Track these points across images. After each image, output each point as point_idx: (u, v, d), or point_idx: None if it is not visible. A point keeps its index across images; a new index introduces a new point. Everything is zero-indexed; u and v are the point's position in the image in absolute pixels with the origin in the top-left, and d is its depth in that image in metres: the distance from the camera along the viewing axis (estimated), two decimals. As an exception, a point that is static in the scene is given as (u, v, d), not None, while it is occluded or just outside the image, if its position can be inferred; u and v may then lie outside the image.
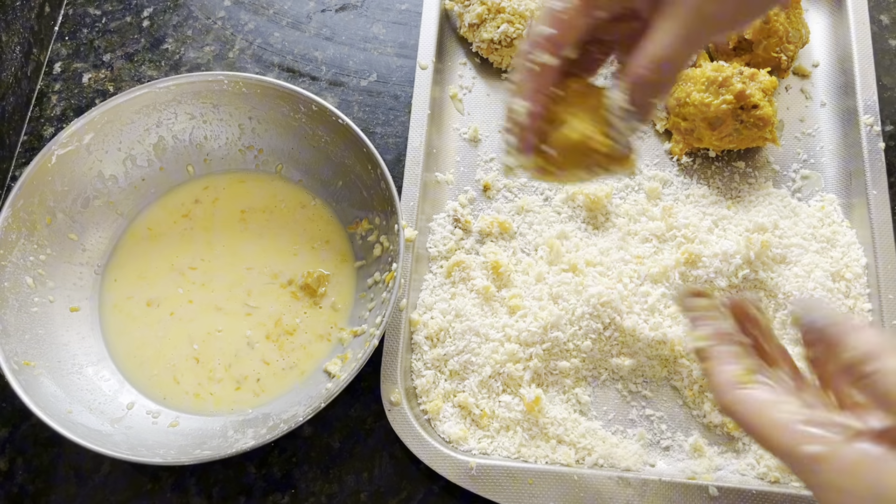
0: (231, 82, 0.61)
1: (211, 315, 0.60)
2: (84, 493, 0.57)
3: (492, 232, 0.62)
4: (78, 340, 0.58)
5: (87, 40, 0.75)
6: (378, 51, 0.73)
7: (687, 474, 0.53)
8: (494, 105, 0.68)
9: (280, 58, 0.73)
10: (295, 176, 0.65)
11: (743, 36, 0.64)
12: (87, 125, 0.59)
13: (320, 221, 0.63)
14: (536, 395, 0.55)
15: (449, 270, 0.61)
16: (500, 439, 0.55)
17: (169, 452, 0.51)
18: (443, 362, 0.58)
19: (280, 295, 0.61)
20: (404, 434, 0.55)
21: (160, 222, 0.64)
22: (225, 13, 0.76)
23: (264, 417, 0.55)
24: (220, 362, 0.58)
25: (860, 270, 0.59)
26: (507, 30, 0.66)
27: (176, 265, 0.62)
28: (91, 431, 0.52)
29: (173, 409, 0.57)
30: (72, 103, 0.72)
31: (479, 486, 0.53)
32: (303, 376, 0.58)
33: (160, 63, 0.73)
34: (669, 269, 0.58)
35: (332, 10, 0.75)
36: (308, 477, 0.57)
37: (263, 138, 0.64)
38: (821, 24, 0.69)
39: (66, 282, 0.59)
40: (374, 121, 0.69)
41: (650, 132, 0.66)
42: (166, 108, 0.62)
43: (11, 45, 0.69)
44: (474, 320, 0.58)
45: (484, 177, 0.65)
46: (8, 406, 0.60)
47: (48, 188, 0.58)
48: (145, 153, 0.63)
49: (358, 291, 0.60)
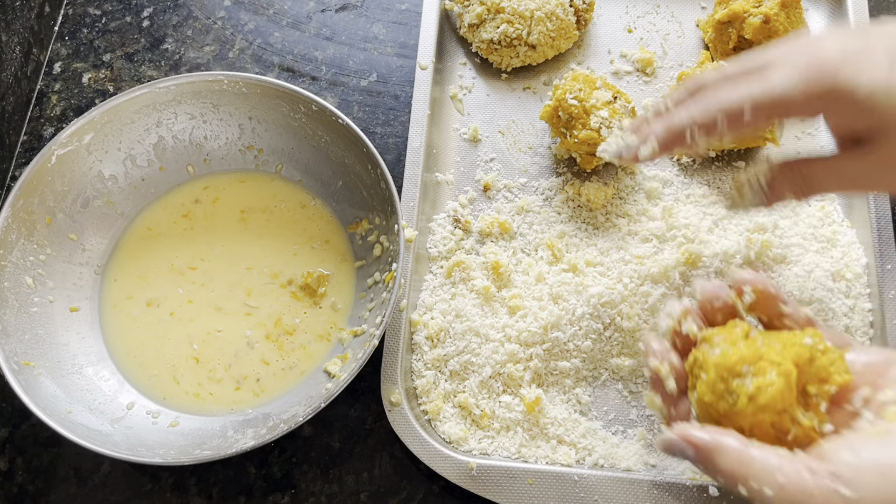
0: (231, 82, 0.61)
1: (211, 315, 0.60)
2: (84, 493, 0.57)
3: (492, 232, 0.62)
4: (78, 340, 0.58)
5: (87, 40, 0.75)
6: (378, 51, 0.73)
7: (687, 475, 0.53)
8: (494, 105, 0.69)
9: (280, 58, 0.73)
10: (295, 176, 0.65)
11: (743, 36, 0.64)
12: (87, 125, 0.59)
13: (320, 221, 0.63)
14: (537, 396, 0.55)
15: (449, 271, 0.61)
16: (501, 439, 0.55)
17: (169, 452, 0.51)
18: (443, 363, 0.58)
19: (280, 295, 0.61)
20: (404, 434, 0.55)
21: (160, 222, 0.64)
22: (225, 13, 0.76)
23: (264, 417, 0.55)
24: (220, 362, 0.58)
25: (860, 270, 0.59)
26: (507, 30, 0.66)
27: (176, 265, 0.62)
28: (91, 431, 0.52)
29: (173, 409, 0.57)
30: (72, 103, 0.72)
31: (479, 486, 0.53)
32: (303, 376, 0.58)
33: (160, 63, 0.73)
34: (670, 269, 0.58)
35: (332, 10, 0.75)
36: (308, 477, 0.57)
37: (263, 138, 0.64)
38: (821, 24, 0.69)
39: (66, 282, 0.59)
40: (374, 121, 0.69)
41: (650, 132, 0.66)
42: (166, 108, 0.62)
43: (11, 45, 0.69)
44: (474, 320, 0.58)
45: (484, 177, 0.65)
46: (8, 406, 0.60)
47: (48, 188, 0.58)
48: (145, 153, 0.63)
49: (358, 291, 0.60)
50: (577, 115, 0.60)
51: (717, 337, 0.42)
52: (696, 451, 0.39)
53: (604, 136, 0.59)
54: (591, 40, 0.71)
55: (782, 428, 0.40)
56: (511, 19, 0.66)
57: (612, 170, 0.64)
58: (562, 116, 0.61)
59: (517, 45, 0.67)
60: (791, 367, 0.41)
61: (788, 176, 0.47)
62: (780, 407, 0.40)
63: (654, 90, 0.68)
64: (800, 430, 0.40)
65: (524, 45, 0.67)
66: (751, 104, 0.44)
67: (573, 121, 0.60)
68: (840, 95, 0.42)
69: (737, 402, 0.40)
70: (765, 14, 0.63)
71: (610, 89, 0.61)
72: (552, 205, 0.64)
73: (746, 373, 0.40)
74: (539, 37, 0.66)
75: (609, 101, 0.60)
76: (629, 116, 0.61)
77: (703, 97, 0.46)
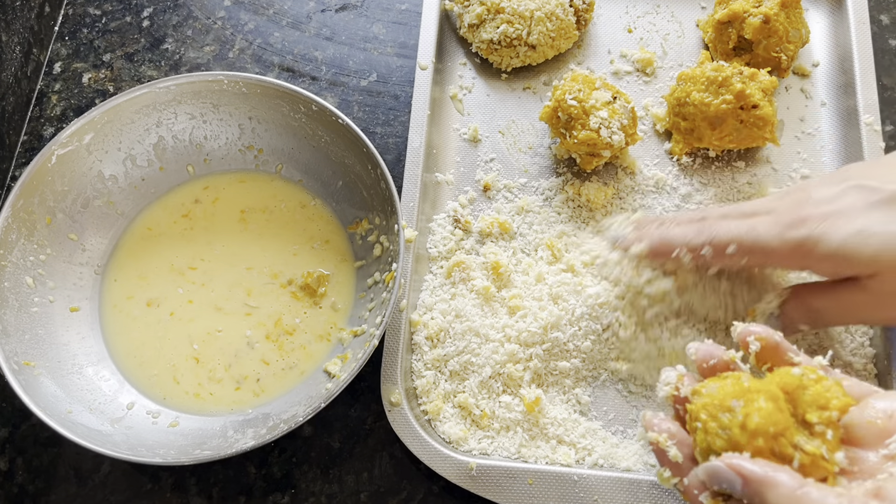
0: (231, 82, 0.61)
1: (211, 315, 0.60)
2: (84, 493, 0.57)
3: (492, 232, 0.62)
4: (78, 340, 0.58)
5: (87, 40, 0.75)
6: (378, 51, 0.73)
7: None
8: (494, 105, 0.69)
9: (280, 58, 0.73)
10: (295, 176, 0.65)
11: (743, 36, 0.64)
12: (87, 125, 0.59)
13: (320, 221, 0.63)
14: (536, 396, 0.55)
15: (449, 271, 0.61)
16: (501, 439, 0.55)
17: (169, 452, 0.51)
18: (443, 363, 0.58)
19: (280, 295, 0.61)
20: (404, 434, 0.55)
21: (160, 222, 0.64)
22: (225, 13, 0.76)
23: (264, 417, 0.55)
24: (220, 362, 0.58)
25: (860, 270, 0.59)
26: (507, 30, 0.66)
27: (176, 265, 0.62)
28: (91, 431, 0.52)
29: (173, 409, 0.57)
30: (72, 103, 0.72)
31: (479, 486, 0.53)
32: (303, 376, 0.58)
33: (160, 63, 0.73)
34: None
35: (332, 10, 0.75)
36: (308, 477, 0.57)
37: (263, 138, 0.64)
38: (821, 23, 0.69)
39: (66, 282, 0.59)
40: (374, 121, 0.69)
41: (650, 132, 0.66)
42: (166, 108, 0.62)
43: (11, 45, 0.69)
44: (474, 321, 0.58)
45: (484, 177, 0.65)
46: (8, 406, 0.60)
47: (48, 188, 0.58)
48: (145, 153, 0.63)
49: (358, 291, 0.60)
50: (577, 115, 0.60)
51: (706, 388, 0.43)
52: (745, 483, 0.38)
53: (603, 136, 0.59)
54: (591, 40, 0.71)
55: (784, 455, 0.40)
56: (511, 19, 0.66)
57: (612, 170, 0.64)
58: (561, 117, 0.61)
59: (517, 45, 0.67)
60: (777, 390, 0.41)
61: (799, 309, 0.52)
62: (773, 430, 0.40)
63: (653, 90, 0.68)
64: (806, 458, 0.39)
65: (524, 45, 0.67)
66: (737, 244, 0.50)
67: (573, 121, 0.60)
68: (810, 249, 0.46)
69: (731, 434, 0.40)
70: (765, 14, 0.63)
71: (609, 89, 0.61)
72: (552, 205, 0.64)
73: (736, 406, 0.41)
74: (539, 37, 0.66)
75: (608, 101, 0.60)
76: (629, 116, 0.61)
77: (700, 225, 0.52)
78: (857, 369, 0.55)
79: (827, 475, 0.40)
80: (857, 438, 0.41)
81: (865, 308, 0.48)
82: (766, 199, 0.52)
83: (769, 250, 0.48)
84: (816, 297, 0.51)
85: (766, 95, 0.61)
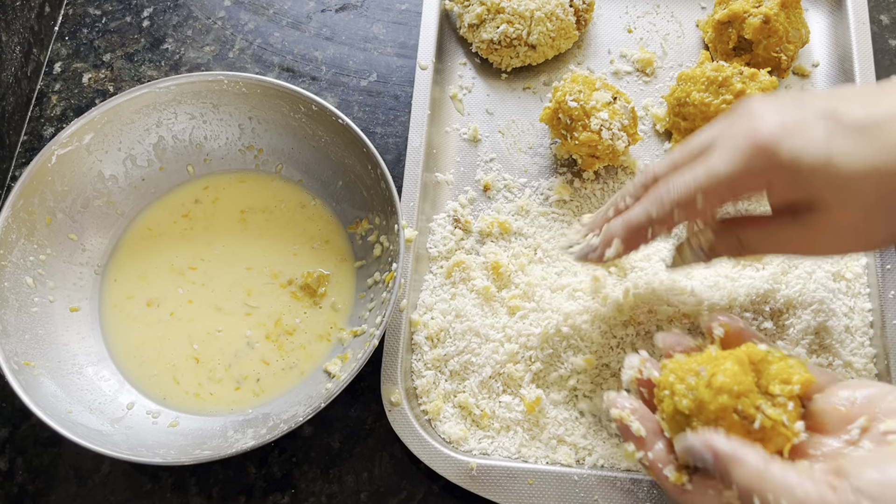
0: (231, 82, 0.61)
1: (211, 315, 0.60)
2: (84, 493, 0.57)
3: (492, 232, 0.62)
4: (78, 340, 0.58)
5: (87, 40, 0.75)
6: (378, 51, 0.73)
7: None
8: (494, 105, 0.68)
9: (280, 58, 0.73)
10: (295, 176, 0.65)
11: (743, 36, 0.64)
12: (87, 125, 0.59)
13: (320, 221, 0.63)
14: (537, 396, 0.55)
15: (449, 271, 0.61)
16: (501, 439, 0.55)
17: (169, 452, 0.51)
18: (443, 363, 0.58)
19: (280, 295, 0.61)
20: (404, 434, 0.55)
21: (160, 222, 0.64)
22: (225, 13, 0.76)
23: (264, 417, 0.55)
24: (220, 362, 0.58)
25: (860, 270, 0.59)
26: (507, 30, 0.66)
27: (176, 265, 0.62)
28: (91, 431, 0.52)
29: (173, 409, 0.57)
30: (72, 103, 0.72)
31: (479, 486, 0.53)
32: (303, 376, 0.58)
33: (160, 63, 0.73)
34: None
35: (332, 10, 0.75)
36: (308, 477, 0.57)
37: (263, 138, 0.64)
38: (821, 24, 0.69)
39: (66, 282, 0.59)
40: (374, 121, 0.69)
41: (650, 132, 0.66)
42: (166, 108, 0.62)
43: (11, 45, 0.69)
44: (474, 321, 0.58)
45: (484, 177, 0.65)
46: (8, 406, 0.60)
47: (48, 188, 0.58)
48: (145, 153, 0.63)
49: (358, 291, 0.60)
50: (578, 116, 0.60)
51: (674, 361, 0.46)
52: (716, 458, 0.40)
53: (604, 137, 0.59)
54: (591, 40, 0.71)
55: (747, 415, 0.42)
56: (511, 19, 0.66)
57: (612, 170, 0.64)
58: (562, 118, 0.61)
59: (517, 45, 0.67)
60: (744, 356, 0.43)
61: (725, 240, 0.49)
62: (737, 389, 0.42)
63: (653, 90, 0.68)
64: (767, 422, 0.41)
65: (524, 46, 0.67)
66: (701, 193, 0.45)
67: (573, 123, 0.60)
68: (782, 171, 0.43)
69: (696, 394, 0.42)
70: (765, 14, 0.63)
71: (609, 90, 0.61)
72: (552, 205, 0.64)
73: (702, 371, 0.43)
74: (539, 37, 0.66)
75: (609, 102, 0.60)
76: (629, 116, 0.61)
77: (656, 191, 0.47)
78: (857, 369, 0.55)
79: (787, 443, 0.42)
80: (821, 425, 0.43)
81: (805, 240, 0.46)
82: (708, 126, 0.48)
83: (738, 185, 0.44)
84: (746, 230, 0.48)
85: (766, 95, 0.61)
